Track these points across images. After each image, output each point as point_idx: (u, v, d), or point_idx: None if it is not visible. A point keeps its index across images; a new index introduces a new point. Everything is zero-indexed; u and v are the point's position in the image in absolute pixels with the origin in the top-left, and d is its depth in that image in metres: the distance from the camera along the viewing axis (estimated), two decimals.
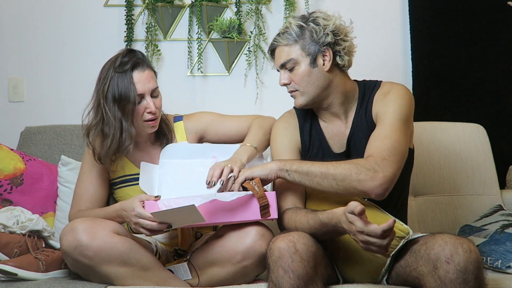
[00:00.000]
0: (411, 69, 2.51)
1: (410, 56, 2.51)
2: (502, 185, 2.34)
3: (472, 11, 2.49)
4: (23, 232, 1.75)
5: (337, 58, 1.63)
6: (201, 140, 1.93)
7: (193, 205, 1.46)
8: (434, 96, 2.49)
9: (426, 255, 1.36)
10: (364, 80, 1.74)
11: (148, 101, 1.73)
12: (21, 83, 2.56)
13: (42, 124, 2.34)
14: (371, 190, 1.45)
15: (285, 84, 1.67)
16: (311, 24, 1.61)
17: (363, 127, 1.64)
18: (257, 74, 2.52)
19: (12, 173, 2.04)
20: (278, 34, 1.67)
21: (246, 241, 1.54)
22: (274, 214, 1.55)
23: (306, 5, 2.46)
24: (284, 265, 1.34)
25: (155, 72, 1.83)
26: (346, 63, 1.65)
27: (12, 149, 2.11)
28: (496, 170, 2.24)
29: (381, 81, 1.71)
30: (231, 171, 1.61)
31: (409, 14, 2.51)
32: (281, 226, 1.60)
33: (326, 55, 1.62)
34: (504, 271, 1.78)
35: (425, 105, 2.47)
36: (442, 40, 2.49)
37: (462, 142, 2.24)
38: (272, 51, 1.69)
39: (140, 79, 1.72)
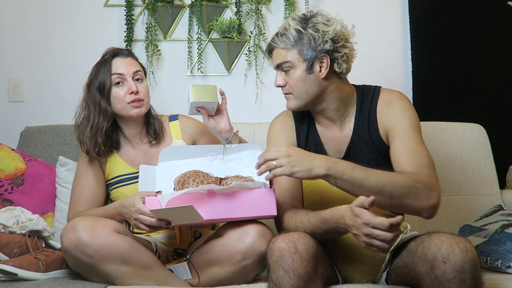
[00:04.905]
0: (411, 69, 2.51)
1: (410, 56, 2.51)
2: (502, 185, 2.34)
3: (472, 11, 2.49)
4: (23, 232, 1.75)
5: (335, 65, 1.60)
6: (194, 144, 1.94)
7: (191, 205, 1.47)
8: (434, 96, 2.49)
9: (423, 255, 1.36)
10: (363, 85, 1.72)
11: (129, 82, 1.81)
12: (21, 83, 2.56)
13: (42, 124, 2.34)
14: (425, 209, 1.43)
15: (280, 86, 1.66)
16: (310, 30, 1.57)
17: (365, 137, 1.63)
18: (257, 74, 2.52)
19: (13, 173, 2.04)
20: (277, 35, 1.64)
21: (246, 240, 1.54)
22: (273, 211, 1.55)
23: (306, 5, 2.46)
24: (284, 265, 1.34)
25: (142, 66, 1.89)
26: (344, 70, 1.61)
27: (13, 149, 2.12)
28: (496, 170, 2.24)
29: (380, 87, 1.69)
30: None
31: (409, 14, 2.51)
32: (280, 226, 1.60)
33: (323, 62, 1.59)
34: (504, 271, 1.78)
35: (425, 105, 2.48)
36: (442, 40, 2.49)
37: (462, 142, 2.24)
38: (270, 51, 1.68)
39: (121, 62, 1.82)
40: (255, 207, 1.54)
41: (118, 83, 1.80)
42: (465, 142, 2.24)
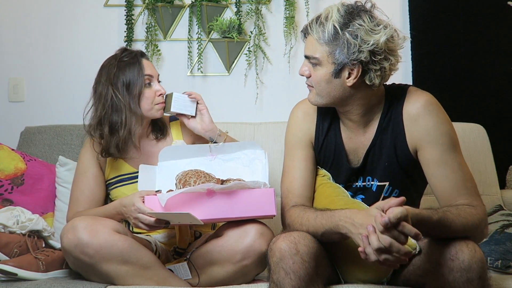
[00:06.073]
0: (411, 69, 2.51)
1: (410, 56, 2.51)
2: (502, 185, 2.34)
3: (472, 11, 2.49)
4: (23, 232, 1.75)
5: (366, 77, 1.44)
6: (193, 144, 1.93)
7: (189, 213, 1.49)
8: (434, 96, 2.49)
9: (430, 252, 1.35)
10: (393, 85, 1.58)
11: (157, 83, 1.84)
12: (21, 83, 2.56)
13: (42, 124, 2.34)
14: (478, 242, 1.38)
15: (303, 75, 1.54)
16: (347, 35, 1.40)
17: (388, 143, 1.53)
18: (257, 74, 2.52)
19: (13, 173, 2.04)
20: (316, 20, 1.46)
21: (246, 240, 1.54)
22: (273, 211, 1.55)
23: (306, 5, 2.46)
24: (285, 266, 1.33)
25: None
26: (376, 84, 1.45)
27: (13, 149, 2.12)
28: (496, 170, 2.24)
29: (408, 86, 1.56)
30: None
31: (409, 14, 2.51)
32: (284, 222, 1.57)
33: (353, 70, 1.43)
34: (504, 271, 1.78)
35: None
36: (442, 40, 2.49)
37: (462, 142, 2.22)
38: (305, 33, 1.51)
39: (148, 64, 1.84)
40: (254, 207, 1.54)
41: (149, 84, 1.81)
42: (465, 142, 2.24)
